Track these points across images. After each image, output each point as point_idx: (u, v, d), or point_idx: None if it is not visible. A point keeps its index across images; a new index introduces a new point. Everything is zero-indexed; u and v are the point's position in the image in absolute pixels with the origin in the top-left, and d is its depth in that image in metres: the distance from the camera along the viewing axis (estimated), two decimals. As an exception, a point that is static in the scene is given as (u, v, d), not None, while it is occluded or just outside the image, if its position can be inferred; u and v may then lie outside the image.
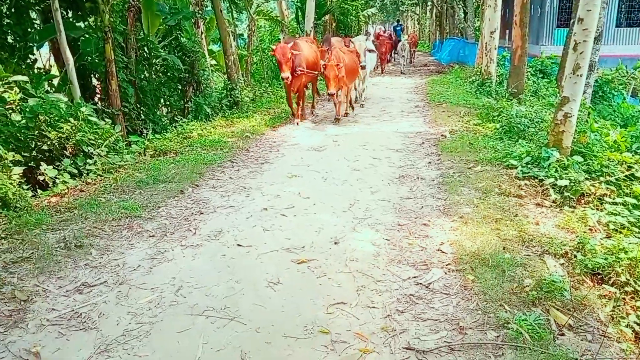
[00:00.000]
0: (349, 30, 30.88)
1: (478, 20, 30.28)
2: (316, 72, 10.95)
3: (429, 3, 41.98)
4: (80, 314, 3.57)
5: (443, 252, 4.33)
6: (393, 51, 27.00)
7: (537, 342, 3.07)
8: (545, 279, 3.68)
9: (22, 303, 3.70)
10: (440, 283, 3.86)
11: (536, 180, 5.95)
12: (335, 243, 4.62)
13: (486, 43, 14.27)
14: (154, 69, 11.47)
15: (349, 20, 30.04)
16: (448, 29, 33.36)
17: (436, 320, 3.41)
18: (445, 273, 4.00)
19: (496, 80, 14.11)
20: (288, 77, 9.88)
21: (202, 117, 11.12)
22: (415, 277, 3.96)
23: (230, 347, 3.18)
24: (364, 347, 3.14)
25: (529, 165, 6.29)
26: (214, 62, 16.46)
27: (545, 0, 22.99)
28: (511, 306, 3.49)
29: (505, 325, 3.27)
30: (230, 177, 6.86)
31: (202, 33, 12.90)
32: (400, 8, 50.35)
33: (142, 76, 10.93)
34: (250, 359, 3.06)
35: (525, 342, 3.09)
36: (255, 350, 3.14)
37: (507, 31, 22.88)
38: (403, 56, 22.59)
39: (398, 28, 30.09)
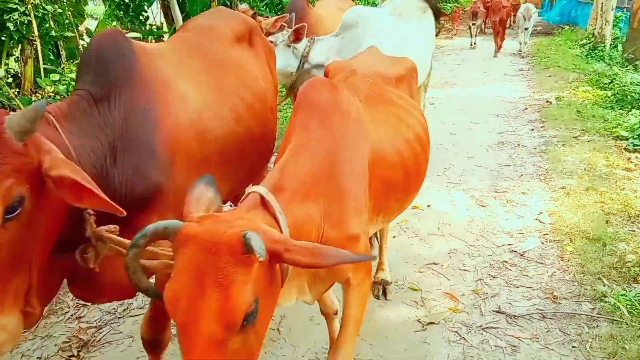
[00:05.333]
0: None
1: (596, -24, 27.81)
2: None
3: (541, -42, 39.03)
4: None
5: (541, 222, 4.25)
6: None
7: (636, 319, 3.00)
8: (650, 256, 3.53)
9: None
10: (535, 252, 3.81)
11: (649, 153, 5.58)
12: (428, 205, 4.66)
13: (602, 3, 13.15)
14: (255, 27, 11.75)
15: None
16: (560, -14, 30.88)
17: (529, 287, 3.40)
18: (542, 243, 3.93)
19: (610, 45, 13.03)
20: None
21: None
22: (510, 244, 3.94)
23: (325, 295, 3.37)
24: (453, 306, 3.23)
25: (641, 138, 5.89)
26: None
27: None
28: (610, 280, 3.40)
29: (602, 298, 3.21)
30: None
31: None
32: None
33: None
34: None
35: (622, 317, 3.02)
36: (348, 300, 3.32)
37: (628, -11, 20.86)
38: (526, 28, 13.70)
39: None
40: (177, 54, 2.53)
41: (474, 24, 15.51)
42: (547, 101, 8.44)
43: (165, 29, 11.02)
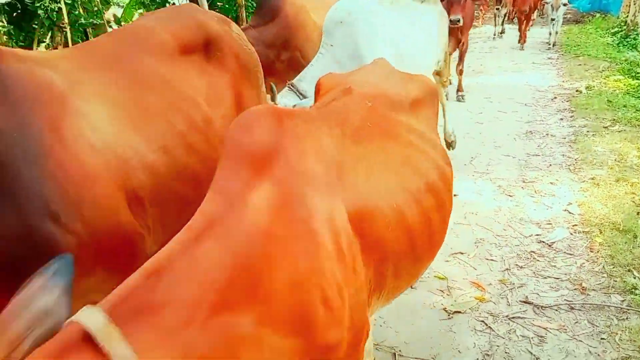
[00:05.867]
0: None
1: (629, -38, 26.93)
2: None
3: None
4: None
5: (570, 213, 4.19)
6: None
7: (668, 312, 2.95)
8: (683, 249, 3.46)
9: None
10: (564, 243, 3.77)
11: (683, 144, 5.45)
12: (454, 195, 4.61)
13: (637, -11, 12.75)
14: (280, 14, 11.74)
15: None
16: (592, -28, 30.03)
17: (557, 278, 3.37)
18: (571, 234, 3.88)
19: (644, 32, 12.66)
20: None
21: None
22: (537, 234, 3.90)
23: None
24: (480, 295, 3.22)
25: (676, 128, 5.74)
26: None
27: None
28: (641, 273, 3.35)
29: (633, 290, 3.16)
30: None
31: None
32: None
33: (269, 21, 11.24)
34: (369, 295, 3.26)
35: (654, 310, 2.98)
36: (373, 287, 3.34)
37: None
38: (552, 19, 12.16)
39: None
40: (80, 63, 1.88)
41: (497, 9, 14.37)
42: (576, 90, 8.27)
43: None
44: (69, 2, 6.49)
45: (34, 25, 6.58)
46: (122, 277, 1.02)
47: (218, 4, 10.45)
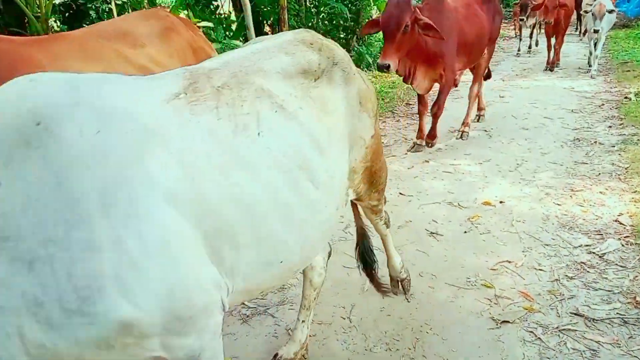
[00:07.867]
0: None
1: (681, -35, 25.92)
2: None
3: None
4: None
5: (621, 224, 4.07)
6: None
7: None
8: None
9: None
10: (615, 255, 3.66)
11: None
12: (501, 202, 4.56)
13: (691, -7, 12.25)
14: (321, 16, 11.78)
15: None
16: (640, -25, 29.02)
17: (609, 291, 3.27)
18: (623, 245, 3.77)
19: (698, 37, 12.22)
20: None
21: (364, 66, 11.27)
22: (587, 245, 3.80)
23: (395, 287, 3.36)
24: (529, 305, 3.15)
25: None
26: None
27: None
28: (699, 289, 3.22)
29: (690, 307, 3.05)
30: (392, 128, 6.99)
31: (370, -20, 12.74)
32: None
33: (310, 24, 11.30)
34: (415, 300, 3.25)
35: None
36: (418, 292, 3.32)
37: None
38: (595, 31, 9.35)
39: None
40: None
41: (522, 19, 11.63)
42: (625, 97, 8.03)
43: (233, 17, 11.24)
44: (119, 3, 6.66)
45: (84, 26, 6.77)
46: None
47: (261, 6, 10.55)
